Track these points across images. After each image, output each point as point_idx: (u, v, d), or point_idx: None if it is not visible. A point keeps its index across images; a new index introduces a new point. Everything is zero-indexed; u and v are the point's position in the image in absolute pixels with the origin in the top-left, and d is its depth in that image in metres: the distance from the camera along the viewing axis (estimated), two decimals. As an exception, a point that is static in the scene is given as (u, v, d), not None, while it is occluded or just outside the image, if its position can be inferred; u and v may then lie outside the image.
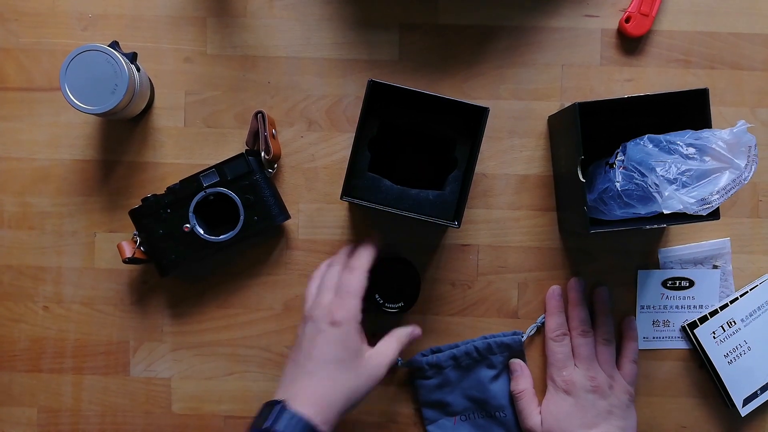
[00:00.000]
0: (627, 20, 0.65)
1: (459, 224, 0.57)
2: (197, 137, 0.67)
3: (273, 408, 0.50)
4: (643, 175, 0.52)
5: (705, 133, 0.52)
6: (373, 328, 0.66)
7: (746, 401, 0.64)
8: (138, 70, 0.60)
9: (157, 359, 0.67)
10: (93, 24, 0.66)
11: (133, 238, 0.64)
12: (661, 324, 0.66)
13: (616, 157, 0.55)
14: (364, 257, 0.59)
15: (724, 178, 0.51)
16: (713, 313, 0.65)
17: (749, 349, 0.64)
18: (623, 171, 0.53)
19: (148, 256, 0.63)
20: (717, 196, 0.50)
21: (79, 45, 0.57)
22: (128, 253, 0.62)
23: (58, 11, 0.66)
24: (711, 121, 0.56)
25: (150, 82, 0.65)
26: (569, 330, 0.64)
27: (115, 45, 0.59)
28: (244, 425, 0.67)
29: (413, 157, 0.66)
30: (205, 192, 0.62)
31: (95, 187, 0.67)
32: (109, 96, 0.57)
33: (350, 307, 0.56)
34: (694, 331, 0.65)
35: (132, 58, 0.59)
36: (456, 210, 0.59)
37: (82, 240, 0.67)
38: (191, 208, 0.62)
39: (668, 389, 0.66)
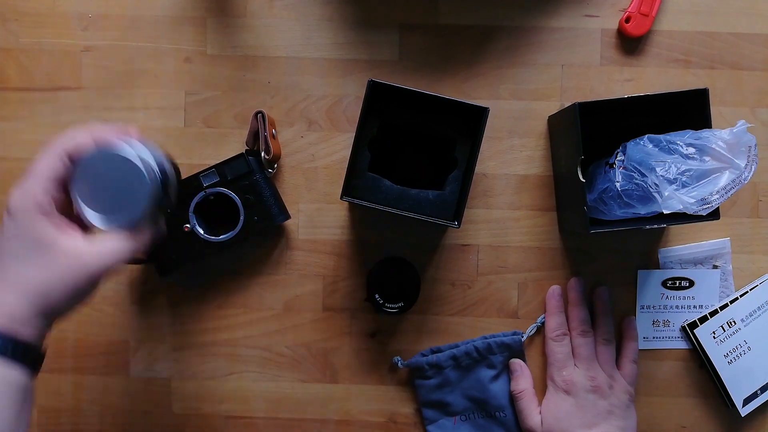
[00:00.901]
0: (627, 20, 0.65)
1: (459, 224, 0.57)
2: (197, 137, 0.67)
3: None
4: (643, 175, 0.52)
5: (705, 133, 0.52)
6: (373, 329, 0.67)
7: (746, 401, 0.64)
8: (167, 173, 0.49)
9: (157, 359, 0.67)
10: (93, 24, 0.66)
11: (133, 238, 0.64)
12: (661, 324, 0.66)
13: (616, 157, 0.55)
14: (66, 138, 0.48)
15: (724, 178, 0.51)
16: (713, 313, 0.65)
17: (749, 349, 0.64)
18: (623, 171, 0.53)
19: (148, 256, 0.63)
20: (717, 196, 0.50)
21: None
22: (128, 254, 0.62)
23: (58, 11, 0.66)
24: (711, 121, 0.56)
25: (175, 169, 0.51)
26: (569, 330, 0.64)
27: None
28: (244, 425, 0.67)
29: (413, 157, 0.66)
30: (205, 192, 0.62)
31: (95, 187, 0.67)
32: (128, 207, 0.47)
33: (26, 189, 0.46)
34: (694, 331, 0.65)
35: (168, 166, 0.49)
36: (456, 210, 0.59)
37: (82, 240, 0.67)
38: (191, 208, 0.62)
39: (668, 389, 0.66)
